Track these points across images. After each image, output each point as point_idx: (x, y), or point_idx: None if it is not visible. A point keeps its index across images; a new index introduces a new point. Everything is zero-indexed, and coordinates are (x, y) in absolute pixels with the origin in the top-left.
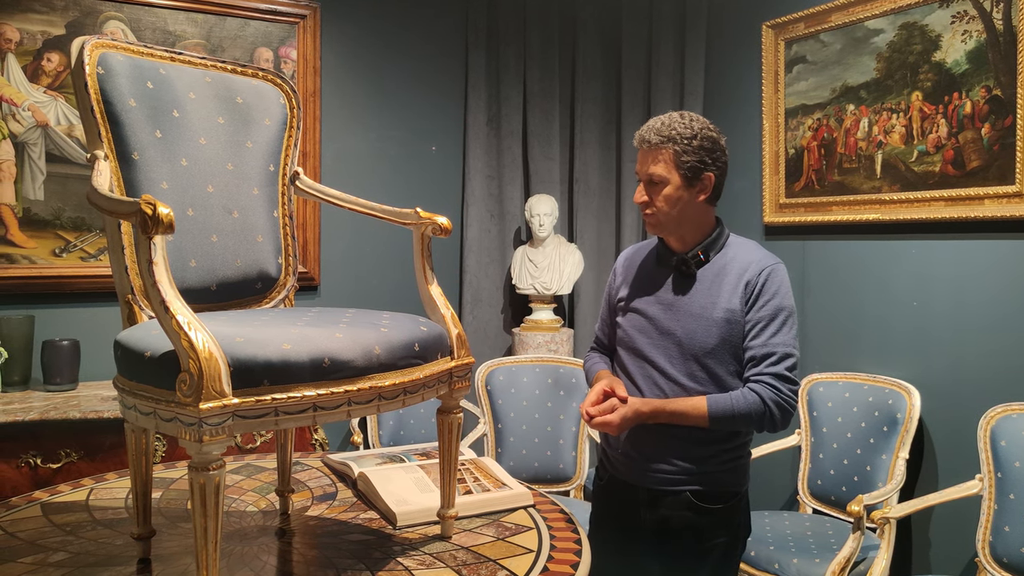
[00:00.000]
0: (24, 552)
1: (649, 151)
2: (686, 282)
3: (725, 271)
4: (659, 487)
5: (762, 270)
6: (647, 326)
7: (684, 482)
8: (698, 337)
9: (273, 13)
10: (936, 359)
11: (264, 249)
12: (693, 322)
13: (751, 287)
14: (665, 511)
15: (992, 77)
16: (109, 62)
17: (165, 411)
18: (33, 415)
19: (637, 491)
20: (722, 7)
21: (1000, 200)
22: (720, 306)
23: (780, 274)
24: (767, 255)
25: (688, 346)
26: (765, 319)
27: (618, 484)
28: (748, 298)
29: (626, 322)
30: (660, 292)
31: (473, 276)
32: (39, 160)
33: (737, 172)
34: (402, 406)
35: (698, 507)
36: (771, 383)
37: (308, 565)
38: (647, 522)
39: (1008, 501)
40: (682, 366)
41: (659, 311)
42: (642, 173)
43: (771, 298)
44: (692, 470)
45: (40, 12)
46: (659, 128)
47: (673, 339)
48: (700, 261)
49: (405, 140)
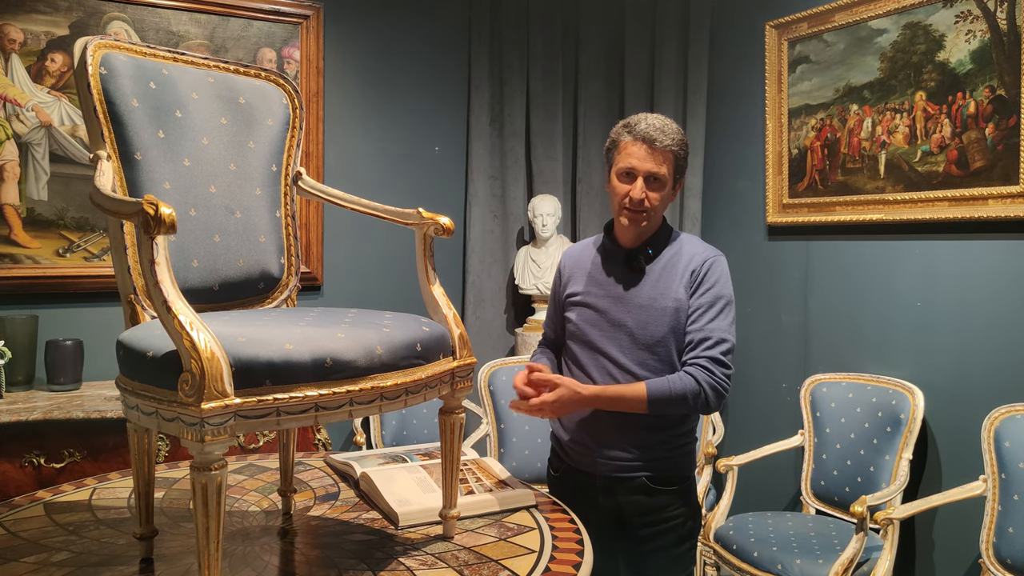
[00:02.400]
0: (27, 551)
1: (657, 151)
2: (635, 276)
3: (672, 263)
4: (615, 474)
5: (705, 260)
6: (598, 319)
7: (639, 468)
8: (649, 327)
9: (276, 14)
10: (940, 360)
11: (266, 249)
12: (643, 313)
13: (695, 276)
14: (621, 497)
15: (996, 77)
16: (112, 62)
17: (167, 411)
18: (37, 415)
19: (593, 479)
20: (725, 7)
21: (1004, 200)
22: (669, 296)
23: (721, 265)
24: (710, 248)
25: (640, 336)
26: (704, 305)
27: (573, 473)
28: (692, 285)
29: (576, 316)
30: (609, 285)
31: (476, 276)
32: (43, 160)
33: (741, 172)
34: (404, 406)
35: (652, 490)
36: (706, 366)
37: (310, 565)
38: (604, 508)
39: (1012, 502)
40: (634, 355)
41: (609, 304)
42: (643, 170)
43: (711, 286)
44: (646, 456)
45: (44, 13)
46: (664, 130)
47: (624, 330)
48: (649, 256)
49: (408, 140)
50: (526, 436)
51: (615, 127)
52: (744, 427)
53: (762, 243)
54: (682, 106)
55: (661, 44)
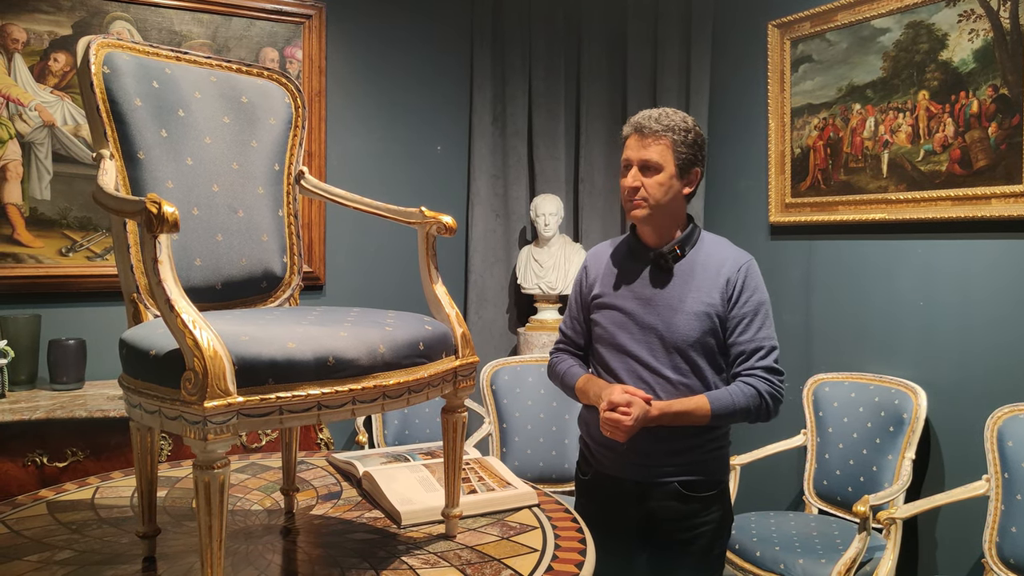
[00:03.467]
0: (30, 550)
1: (645, 137)
2: (663, 276)
3: (701, 266)
4: (647, 480)
5: (740, 267)
6: (626, 321)
7: (672, 473)
8: (680, 330)
9: (279, 13)
10: (942, 359)
11: (269, 248)
12: (673, 315)
13: (732, 284)
14: (653, 503)
15: (999, 76)
16: (115, 61)
17: (170, 409)
18: (39, 414)
19: (624, 484)
20: (728, 6)
21: (1007, 199)
22: (700, 299)
23: (756, 270)
24: (741, 251)
25: (670, 339)
26: (749, 315)
27: (603, 479)
28: (730, 295)
29: (604, 318)
30: (636, 287)
31: (478, 276)
32: (46, 160)
33: (743, 172)
34: (406, 405)
35: (685, 496)
36: (765, 376)
37: (312, 564)
38: (634, 515)
39: (1015, 502)
40: (665, 359)
41: (637, 306)
42: (635, 158)
43: (752, 294)
44: (680, 462)
45: (47, 12)
46: (657, 117)
47: (655, 332)
48: (677, 256)
49: (410, 140)
50: (528, 435)
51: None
52: (746, 427)
53: (764, 243)
54: (684, 105)
55: (663, 43)
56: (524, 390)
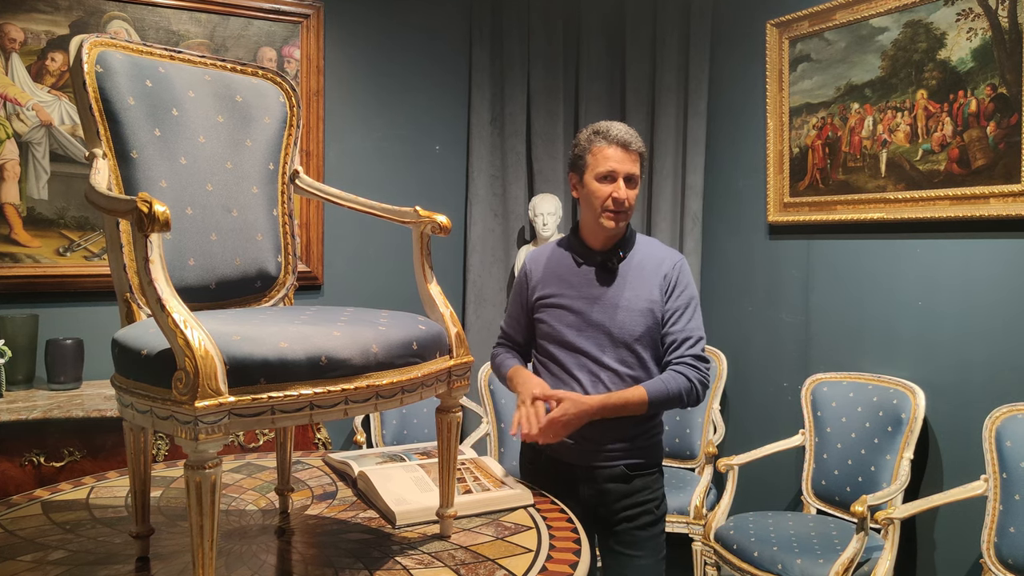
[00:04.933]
0: (24, 550)
1: (631, 152)
2: (608, 277)
3: (641, 266)
4: (596, 463)
5: (674, 264)
6: (575, 320)
7: (619, 457)
8: (627, 326)
9: (276, 13)
10: (941, 359)
11: (264, 248)
12: (621, 313)
13: (668, 279)
14: (601, 484)
15: (998, 75)
16: (108, 60)
17: (161, 409)
18: (37, 414)
19: (574, 468)
20: (726, 6)
21: (1006, 199)
22: (643, 297)
23: (687, 267)
24: (672, 250)
25: (618, 335)
26: (681, 308)
27: (554, 464)
28: (666, 288)
29: (550, 317)
30: (583, 287)
31: (477, 275)
32: (43, 159)
33: (741, 171)
34: (400, 405)
35: (630, 476)
36: (693, 364)
37: (307, 564)
38: (584, 495)
39: (1013, 502)
40: (613, 353)
41: (585, 305)
42: (623, 172)
43: (684, 289)
44: (626, 447)
45: (44, 12)
46: (635, 135)
47: (602, 329)
48: (621, 257)
49: (409, 139)
50: None
51: (581, 134)
52: (745, 427)
53: (763, 242)
54: (683, 105)
55: (662, 43)
56: None
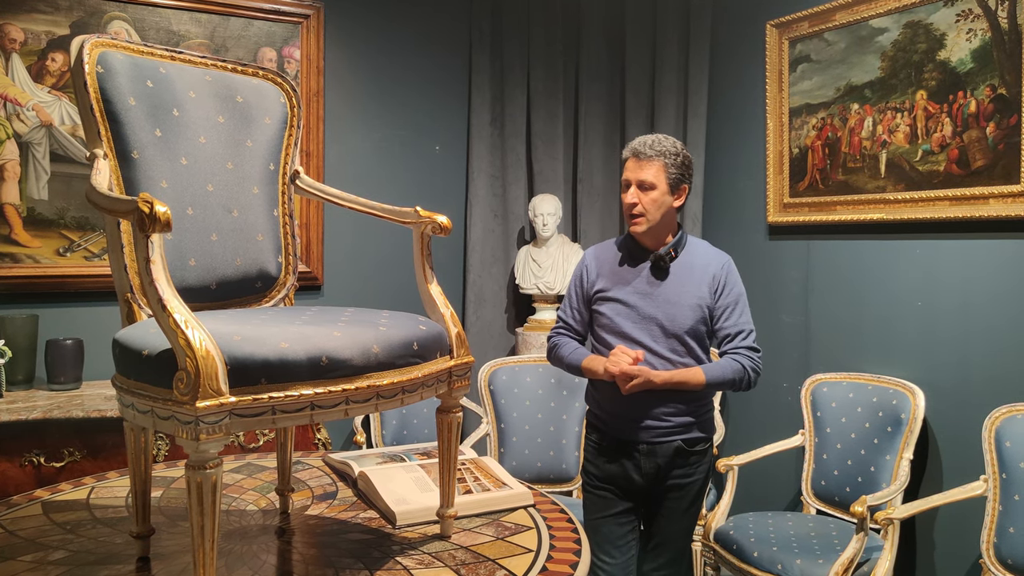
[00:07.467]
0: (24, 550)
1: (641, 161)
2: (660, 274)
3: (691, 266)
4: (655, 439)
5: (722, 264)
6: (630, 312)
7: (675, 433)
8: (678, 319)
9: (277, 13)
10: (941, 359)
11: (264, 248)
12: (671, 308)
13: (717, 279)
14: (660, 459)
15: (997, 76)
16: (109, 61)
17: (162, 409)
18: (37, 414)
19: (634, 445)
20: (726, 6)
21: (1005, 199)
22: (692, 294)
23: (733, 266)
24: (720, 252)
25: (669, 327)
26: (732, 304)
27: (615, 442)
28: (716, 288)
29: (608, 309)
30: (637, 283)
31: (477, 276)
32: (43, 160)
33: (741, 172)
34: (400, 405)
35: (685, 451)
36: (747, 353)
37: (307, 564)
38: (646, 468)
39: (1013, 502)
40: (665, 343)
41: (638, 299)
42: (634, 179)
43: (733, 287)
44: (681, 423)
45: (45, 12)
46: (651, 144)
47: (655, 322)
48: (672, 257)
49: (409, 140)
50: (526, 436)
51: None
52: (745, 427)
53: (763, 242)
54: (683, 105)
55: (662, 44)
56: (522, 390)
